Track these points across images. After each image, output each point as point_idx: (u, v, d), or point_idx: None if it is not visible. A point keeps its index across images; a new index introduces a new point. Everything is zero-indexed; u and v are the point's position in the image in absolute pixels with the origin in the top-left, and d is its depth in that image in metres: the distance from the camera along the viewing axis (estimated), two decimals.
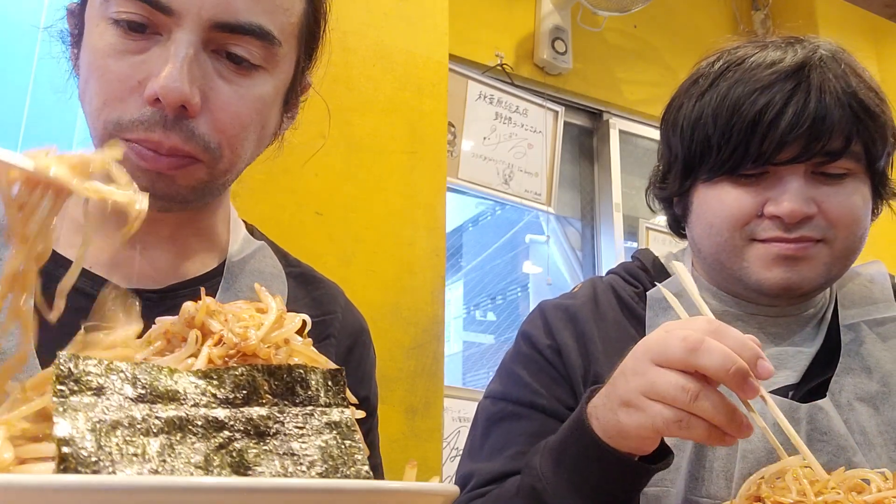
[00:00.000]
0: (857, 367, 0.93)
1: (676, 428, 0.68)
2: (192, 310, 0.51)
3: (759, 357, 0.69)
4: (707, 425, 0.68)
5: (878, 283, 1.02)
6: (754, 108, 0.90)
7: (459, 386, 2.75)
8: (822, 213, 0.91)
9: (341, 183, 1.92)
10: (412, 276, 1.97)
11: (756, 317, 1.00)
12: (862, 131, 0.90)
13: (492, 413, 1.01)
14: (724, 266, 0.97)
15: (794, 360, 0.97)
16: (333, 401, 0.49)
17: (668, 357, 0.70)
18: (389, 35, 2.08)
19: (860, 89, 0.91)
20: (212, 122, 0.73)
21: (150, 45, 0.72)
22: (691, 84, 0.99)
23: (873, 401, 0.91)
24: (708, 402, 0.67)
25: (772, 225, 0.91)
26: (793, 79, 0.90)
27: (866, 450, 0.88)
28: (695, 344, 0.68)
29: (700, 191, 0.97)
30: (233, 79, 0.75)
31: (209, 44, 0.73)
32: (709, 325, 0.71)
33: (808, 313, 1.00)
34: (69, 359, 0.43)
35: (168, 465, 0.41)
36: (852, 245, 0.94)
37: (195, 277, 0.84)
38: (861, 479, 0.68)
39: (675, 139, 1.00)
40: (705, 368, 0.67)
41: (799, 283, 0.92)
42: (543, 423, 0.96)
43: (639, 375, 0.72)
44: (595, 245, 2.96)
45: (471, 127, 2.58)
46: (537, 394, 0.99)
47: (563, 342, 1.00)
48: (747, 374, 0.67)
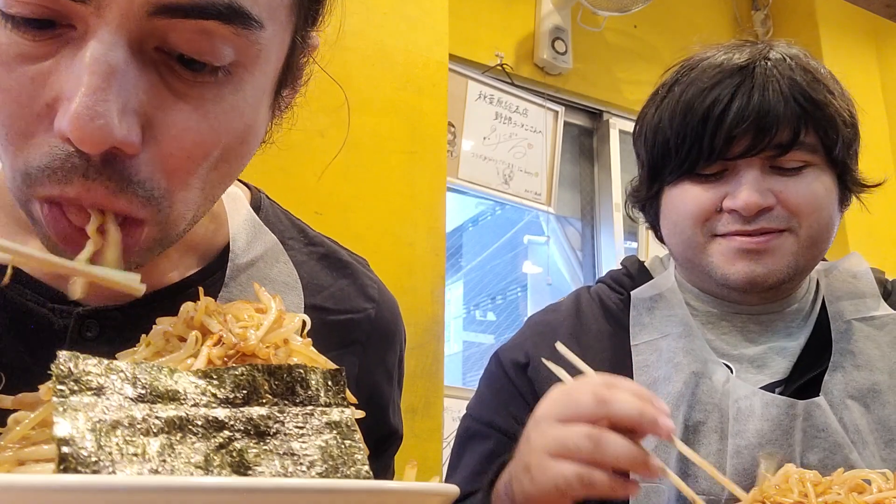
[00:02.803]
0: (849, 365, 0.94)
1: (577, 483, 0.68)
2: (192, 310, 0.51)
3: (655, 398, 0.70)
4: (608, 475, 0.68)
5: (862, 278, 1.02)
6: (703, 105, 0.93)
7: (459, 386, 2.75)
8: (781, 204, 0.92)
9: (341, 183, 1.92)
10: (412, 276, 1.97)
11: (739, 315, 1.01)
12: (811, 122, 0.92)
13: (464, 430, 1.05)
14: (692, 263, 0.99)
15: (782, 355, 0.98)
16: (333, 400, 0.49)
17: (578, 412, 0.70)
18: (389, 35, 2.08)
19: (805, 82, 0.92)
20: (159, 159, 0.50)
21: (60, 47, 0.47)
22: (654, 95, 1.04)
23: (864, 399, 0.92)
24: (612, 444, 0.68)
25: (731, 219, 0.93)
26: (738, 75, 0.93)
27: (861, 447, 0.88)
28: (605, 395, 0.69)
29: (666, 193, 1.00)
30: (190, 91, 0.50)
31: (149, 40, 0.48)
32: (603, 379, 0.73)
33: (791, 309, 1.01)
34: (69, 358, 0.43)
35: (168, 465, 0.41)
36: (818, 233, 0.94)
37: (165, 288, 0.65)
38: (862, 479, 0.68)
39: (640, 147, 1.05)
40: (618, 414, 0.68)
41: (765, 276, 0.93)
42: (499, 443, 0.98)
43: (542, 436, 0.72)
44: (595, 245, 2.96)
45: (471, 127, 2.58)
46: (496, 412, 1.01)
47: (535, 356, 1.01)
48: (659, 413, 0.68)
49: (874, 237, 2.90)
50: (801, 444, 0.89)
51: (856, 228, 2.85)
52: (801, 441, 0.89)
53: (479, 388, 1.08)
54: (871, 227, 2.90)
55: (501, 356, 1.06)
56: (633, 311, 1.02)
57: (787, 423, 0.89)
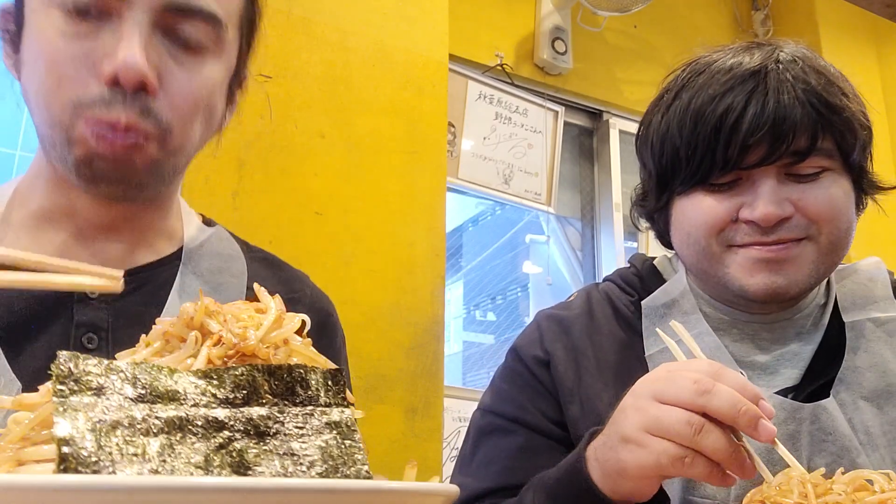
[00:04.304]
0: (862, 366, 0.93)
1: (680, 465, 0.68)
2: (191, 310, 0.51)
3: (760, 398, 0.69)
4: (709, 463, 0.68)
5: (879, 281, 1.00)
6: (715, 114, 0.89)
7: (459, 386, 2.75)
8: (800, 212, 0.89)
9: (341, 183, 1.92)
10: (412, 276, 1.97)
11: (750, 324, 0.99)
12: (828, 127, 0.89)
13: (481, 426, 1.02)
14: (707, 274, 0.96)
15: (793, 362, 0.96)
16: (333, 400, 0.49)
17: (676, 396, 0.69)
18: (389, 35, 2.08)
19: (820, 86, 0.89)
20: (166, 100, 0.74)
21: (101, 29, 0.72)
22: (658, 99, 1.00)
23: (877, 400, 0.91)
24: (712, 436, 0.67)
25: (749, 230, 0.90)
26: (751, 81, 0.89)
27: (870, 450, 0.88)
28: (706, 386, 0.68)
29: (677, 203, 0.97)
30: (183, 60, 0.76)
31: (159, 25, 0.74)
32: (710, 367, 0.71)
33: (801, 315, 0.99)
34: (69, 358, 0.43)
35: (168, 465, 0.41)
36: (838, 239, 0.92)
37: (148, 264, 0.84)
38: (865, 479, 0.68)
39: (647, 155, 1.00)
40: (716, 410, 0.67)
41: (786, 287, 0.90)
42: (529, 439, 0.97)
43: (641, 412, 0.71)
44: (595, 245, 2.96)
45: (471, 127, 2.58)
46: (523, 409, 0.99)
47: (554, 353, 1.01)
48: (759, 416, 0.67)
49: (874, 237, 2.90)
50: (808, 447, 0.88)
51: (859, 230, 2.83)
52: (808, 445, 0.88)
53: (497, 385, 1.05)
54: (872, 228, 2.89)
55: (521, 352, 1.04)
56: (645, 320, 1.00)
57: (794, 427, 0.88)
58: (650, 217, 1.05)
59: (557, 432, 0.98)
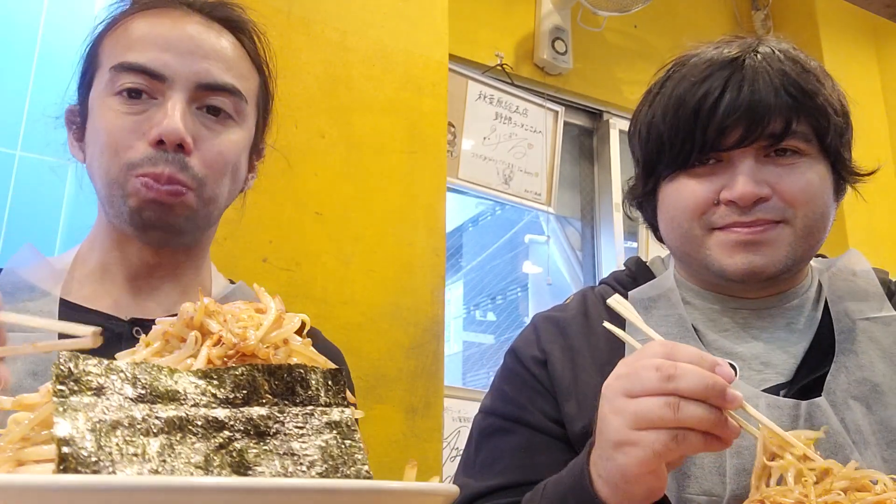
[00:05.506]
0: (852, 365, 0.94)
1: (675, 445, 0.69)
2: (191, 310, 0.51)
3: (717, 364, 0.70)
4: (699, 434, 0.69)
5: (863, 277, 1.03)
6: (694, 98, 0.94)
7: (459, 386, 2.75)
8: (777, 194, 0.93)
9: (341, 183, 1.92)
10: (412, 276, 1.97)
11: (740, 311, 1.01)
12: (802, 110, 0.93)
13: (482, 428, 1.04)
14: (690, 257, 0.99)
15: (783, 352, 0.98)
16: (333, 400, 0.49)
17: (644, 388, 0.71)
18: (389, 35, 2.08)
19: (795, 73, 0.94)
20: (200, 158, 0.92)
21: (149, 107, 0.91)
22: (647, 93, 1.05)
23: (867, 399, 0.92)
24: (691, 409, 0.68)
25: (728, 211, 0.94)
26: (728, 68, 0.94)
27: (862, 448, 0.88)
28: (669, 371, 0.69)
29: (663, 189, 1.01)
30: (213, 126, 0.94)
31: (194, 101, 0.92)
32: (664, 348, 0.73)
33: (791, 304, 1.01)
34: (69, 359, 0.43)
35: (168, 465, 0.41)
36: (814, 223, 0.95)
37: None
38: (869, 479, 0.68)
39: (635, 145, 1.05)
40: (687, 392, 0.69)
41: (763, 267, 0.93)
42: (530, 437, 0.99)
43: (619, 413, 0.72)
44: (595, 245, 2.96)
45: (471, 127, 2.58)
46: (523, 408, 1.01)
47: (551, 353, 1.03)
48: (725, 387, 0.69)
49: (874, 237, 2.90)
50: None
51: (856, 229, 2.84)
52: None
53: (496, 387, 1.07)
54: (872, 228, 2.89)
55: (519, 353, 1.06)
56: None
57: (789, 425, 0.89)
58: (640, 205, 1.09)
59: (557, 430, 0.99)
